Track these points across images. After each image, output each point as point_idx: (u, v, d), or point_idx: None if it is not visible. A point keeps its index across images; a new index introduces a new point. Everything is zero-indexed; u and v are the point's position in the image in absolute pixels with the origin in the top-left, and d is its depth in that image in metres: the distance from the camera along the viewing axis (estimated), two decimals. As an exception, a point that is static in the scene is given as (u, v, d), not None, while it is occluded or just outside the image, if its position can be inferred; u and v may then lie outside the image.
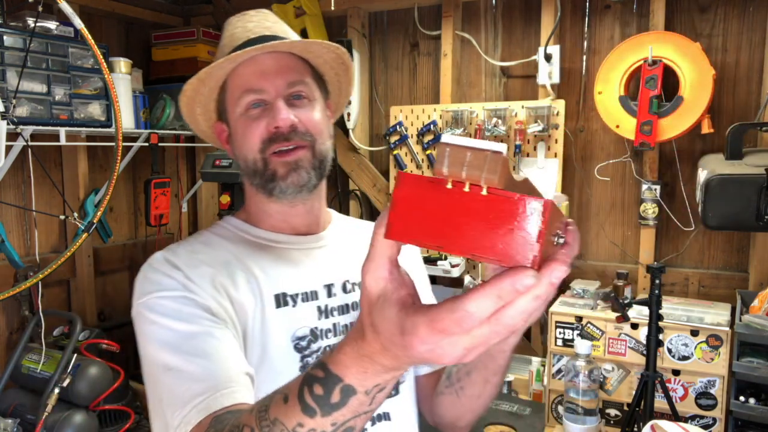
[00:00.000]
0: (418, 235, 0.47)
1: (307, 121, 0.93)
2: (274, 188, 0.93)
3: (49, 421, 2.02)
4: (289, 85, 0.93)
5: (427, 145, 2.61)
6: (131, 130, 2.51)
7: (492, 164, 0.44)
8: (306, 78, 0.96)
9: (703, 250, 2.34)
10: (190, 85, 0.95)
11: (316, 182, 0.95)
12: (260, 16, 1.01)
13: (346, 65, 1.02)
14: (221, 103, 0.99)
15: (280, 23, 1.01)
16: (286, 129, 0.91)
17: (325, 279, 0.99)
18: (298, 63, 0.96)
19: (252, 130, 0.92)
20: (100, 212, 2.17)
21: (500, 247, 0.44)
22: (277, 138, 0.92)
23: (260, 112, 0.93)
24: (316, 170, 0.94)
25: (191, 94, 0.97)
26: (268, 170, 0.93)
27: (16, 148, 2.10)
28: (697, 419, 2.00)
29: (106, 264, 2.76)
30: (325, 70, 1.02)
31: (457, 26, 2.62)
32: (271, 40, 0.93)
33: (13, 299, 2.30)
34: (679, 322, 2.00)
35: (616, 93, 2.20)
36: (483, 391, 0.90)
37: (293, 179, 0.92)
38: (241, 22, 0.99)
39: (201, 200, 3.21)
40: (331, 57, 0.99)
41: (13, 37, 2.00)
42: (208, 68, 0.92)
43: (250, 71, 0.93)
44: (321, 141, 0.95)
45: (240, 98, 0.93)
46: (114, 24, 2.84)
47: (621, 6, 2.38)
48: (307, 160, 0.93)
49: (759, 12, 2.19)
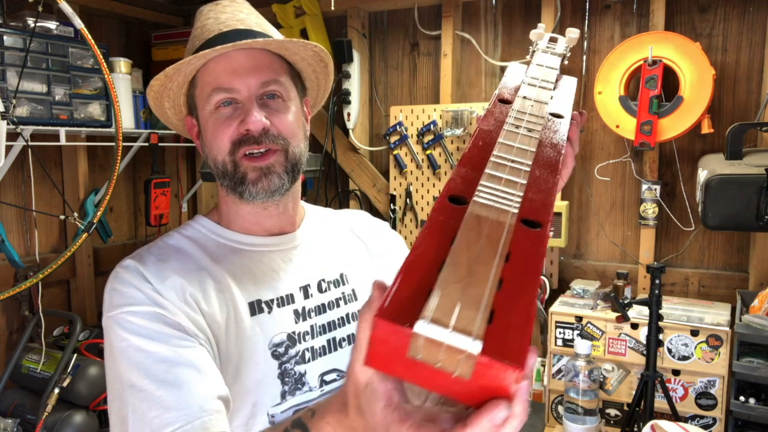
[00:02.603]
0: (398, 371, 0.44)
1: (280, 123, 0.89)
2: (243, 191, 0.89)
3: (49, 421, 2.02)
4: (262, 84, 0.89)
5: (427, 145, 2.61)
6: (131, 130, 2.51)
7: (465, 366, 0.41)
8: (281, 77, 0.91)
9: (703, 250, 2.34)
10: (156, 81, 0.90)
11: (289, 186, 0.92)
12: (233, 6, 0.95)
13: (325, 62, 0.98)
14: (191, 98, 0.94)
15: (254, 14, 0.97)
16: (257, 132, 0.87)
17: (301, 281, 0.97)
18: (273, 60, 0.91)
19: (222, 130, 0.88)
20: (100, 212, 2.17)
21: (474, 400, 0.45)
22: (248, 141, 0.87)
23: (231, 110, 0.88)
24: (289, 174, 0.91)
25: (158, 89, 0.92)
26: (238, 173, 0.89)
27: (16, 148, 2.10)
28: (697, 419, 2.00)
29: (106, 264, 2.76)
30: (303, 67, 0.97)
31: (457, 26, 2.62)
32: (245, 34, 0.89)
33: (13, 299, 2.31)
34: (679, 322, 2.00)
35: (616, 93, 2.20)
36: None
37: (264, 184, 0.88)
38: (213, 12, 0.94)
39: (201, 200, 3.21)
40: (309, 54, 0.95)
41: (13, 37, 2.00)
42: (176, 65, 0.87)
43: (221, 68, 0.88)
44: (294, 144, 0.91)
45: (210, 96, 0.89)
46: (114, 24, 2.84)
47: (621, 6, 2.38)
48: (279, 164, 0.89)
49: (759, 12, 2.19)
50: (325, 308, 0.98)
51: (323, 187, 2.91)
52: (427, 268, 0.46)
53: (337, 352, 0.95)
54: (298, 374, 0.90)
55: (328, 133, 2.78)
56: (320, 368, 0.93)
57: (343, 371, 0.94)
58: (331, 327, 0.96)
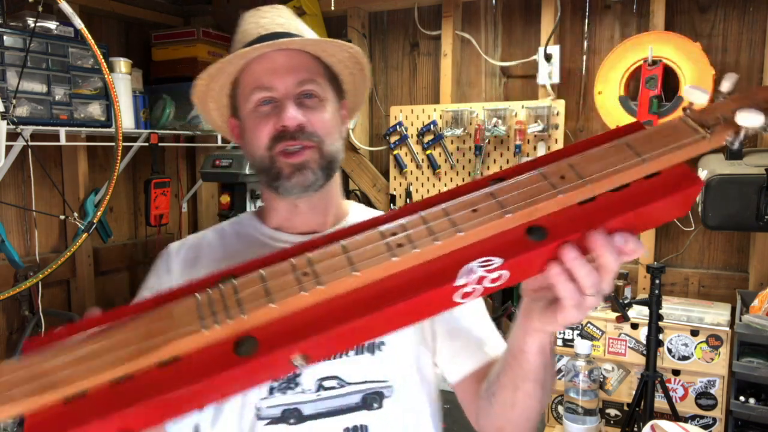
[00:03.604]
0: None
1: (316, 121, 0.92)
2: (278, 186, 0.93)
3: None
4: (299, 83, 0.92)
5: (427, 145, 2.61)
6: (131, 130, 2.51)
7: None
8: (317, 77, 0.94)
9: (703, 250, 2.34)
10: (200, 80, 0.95)
11: (323, 182, 0.94)
12: (274, 12, 0.99)
13: (361, 64, 1.00)
14: (234, 99, 0.98)
15: (294, 20, 1.00)
16: (293, 128, 0.90)
17: None
18: (310, 61, 0.94)
19: (260, 127, 0.92)
20: (100, 212, 2.17)
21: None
22: (284, 137, 0.91)
23: (270, 109, 0.92)
24: (324, 170, 0.93)
25: (203, 89, 0.97)
26: (274, 168, 0.92)
27: (16, 148, 2.10)
28: (697, 419, 2.00)
29: (106, 264, 2.76)
30: (340, 69, 1.00)
31: (457, 26, 2.62)
32: (284, 36, 0.93)
33: (13, 299, 2.30)
34: (679, 322, 2.00)
35: (616, 93, 2.20)
36: (515, 399, 0.81)
37: (298, 179, 0.91)
38: (254, 17, 0.99)
39: (201, 200, 3.21)
40: (346, 56, 0.98)
41: (13, 37, 2.00)
42: (217, 64, 0.92)
43: (261, 68, 0.92)
44: (329, 142, 0.93)
45: (250, 95, 0.93)
46: (114, 24, 2.84)
47: (621, 6, 2.38)
48: (313, 160, 0.92)
49: (759, 12, 2.19)
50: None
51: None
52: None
53: (341, 360, 0.92)
54: (291, 374, 0.90)
55: (328, 133, 2.78)
56: (320, 372, 0.91)
57: (344, 380, 0.91)
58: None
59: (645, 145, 0.61)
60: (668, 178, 0.61)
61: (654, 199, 0.60)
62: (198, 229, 3.22)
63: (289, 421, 0.88)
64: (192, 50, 2.82)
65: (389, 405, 0.92)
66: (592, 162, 0.60)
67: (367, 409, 0.90)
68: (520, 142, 2.41)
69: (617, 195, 0.60)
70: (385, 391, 0.91)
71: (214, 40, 2.88)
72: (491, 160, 2.53)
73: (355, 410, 0.90)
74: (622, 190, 0.60)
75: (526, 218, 0.57)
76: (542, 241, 0.56)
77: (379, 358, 0.92)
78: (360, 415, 0.90)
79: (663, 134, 0.62)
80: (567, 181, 0.58)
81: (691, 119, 0.62)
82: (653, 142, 0.61)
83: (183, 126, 2.80)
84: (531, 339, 0.72)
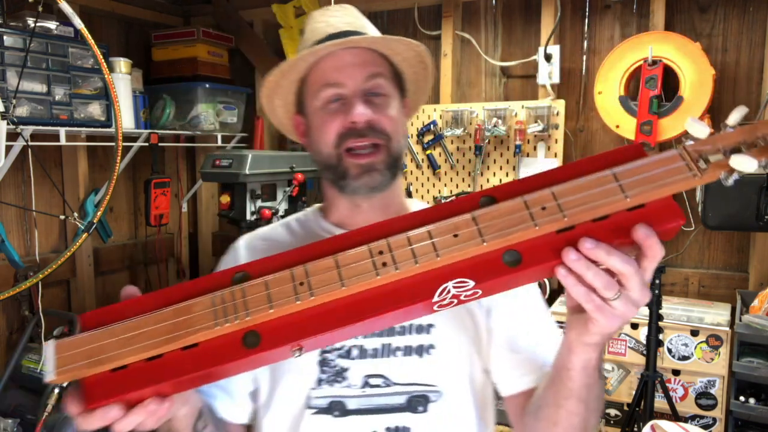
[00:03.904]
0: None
1: (384, 118, 0.92)
2: (345, 186, 0.93)
3: (49, 421, 2.01)
4: (367, 78, 0.93)
5: (427, 145, 2.61)
6: (131, 130, 2.51)
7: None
8: (384, 73, 0.95)
9: (703, 250, 2.34)
10: (271, 77, 0.96)
11: (389, 182, 0.94)
12: (342, 10, 1.01)
13: (425, 63, 1.01)
14: (300, 96, 0.99)
15: (361, 18, 1.02)
16: (362, 125, 0.91)
17: None
18: (377, 59, 0.95)
19: (328, 124, 0.92)
20: (100, 212, 2.17)
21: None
22: (352, 134, 0.91)
23: (338, 106, 0.92)
24: (391, 170, 0.94)
25: (272, 86, 0.98)
26: (341, 167, 0.92)
27: (16, 148, 2.10)
28: (697, 419, 2.00)
29: (106, 264, 2.76)
30: (404, 68, 1.01)
31: (457, 26, 2.62)
32: (352, 35, 0.94)
33: (13, 299, 2.30)
34: (679, 322, 2.00)
35: (616, 93, 2.20)
36: (558, 417, 0.80)
37: (365, 181, 0.92)
38: (324, 16, 1.00)
39: (201, 200, 3.21)
40: (411, 54, 0.98)
41: (13, 37, 2.00)
42: (290, 60, 0.93)
43: (329, 65, 0.93)
44: (396, 139, 0.94)
45: (319, 92, 0.93)
46: (114, 24, 2.84)
47: (621, 6, 2.38)
48: (381, 161, 0.92)
49: (759, 12, 2.19)
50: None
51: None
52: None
53: (389, 359, 0.92)
54: (340, 368, 0.92)
55: (328, 133, 2.78)
56: (367, 369, 0.92)
57: (390, 380, 0.91)
58: (390, 332, 0.93)
59: (633, 177, 0.62)
60: (652, 211, 0.63)
61: (629, 235, 0.62)
62: (198, 229, 3.23)
63: (334, 413, 0.91)
64: (192, 50, 2.82)
65: (434, 409, 0.91)
66: (575, 192, 0.63)
67: (411, 411, 0.91)
68: (520, 142, 2.41)
69: (597, 225, 0.63)
70: (431, 395, 0.91)
71: (214, 40, 2.88)
72: (491, 160, 2.53)
73: (398, 411, 0.91)
74: (603, 220, 0.63)
75: (502, 245, 0.63)
76: (515, 267, 0.63)
77: (427, 361, 0.91)
78: (403, 416, 0.91)
79: (655, 166, 0.63)
80: (547, 213, 0.62)
81: (687, 152, 0.63)
82: (642, 175, 0.62)
83: (183, 126, 2.80)
84: (574, 355, 0.72)
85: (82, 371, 0.63)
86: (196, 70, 2.81)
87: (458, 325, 0.93)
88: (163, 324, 0.64)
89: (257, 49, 2.99)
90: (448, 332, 0.92)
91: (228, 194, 2.45)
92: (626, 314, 0.64)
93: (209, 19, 3.07)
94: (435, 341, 0.91)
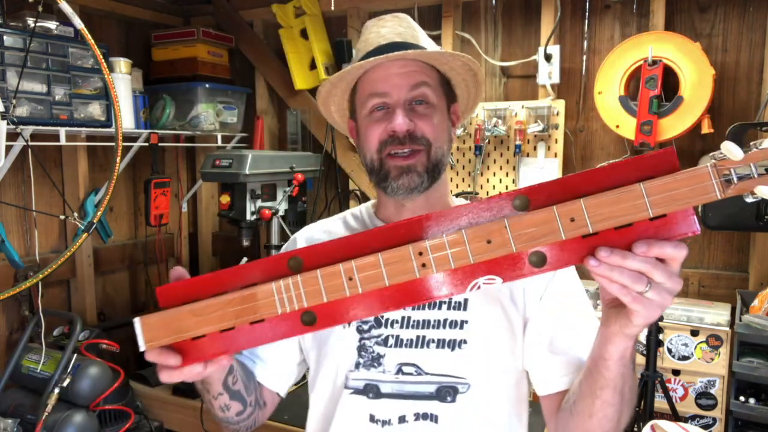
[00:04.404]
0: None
1: (425, 126, 0.98)
2: (386, 187, 1.01)
3: (49, 421, 2.02)
4: (411, 87, 0.99)
5: (427, 145, 2.61)
6: (131, 130, 2.51)
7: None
8: (429, 82, 1.01)
9: (703, 250, 2.34)
10: (323, 88, 1.05)
11: (428, 185, 1.00)
12: (395, 21, 1.07)
13: (474, 71, 1.07)
14: (353, 103, 1.08)
15: (413, 29, 1.07)
16: (402, 134, 0.97)
17: None
18: (423, 68, 1.01)
19: (372, 131, 1.00)
20: (100, 212, 2.17)
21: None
22: (393, 141, 0.98)
23: (382, 115, 1.00)
24: (430, 173, 0.99)
25: (325, 95, 1.07)
26: (383, 170, 1.00)
27: (16, 148, 2.10)
28: (697, 419, 2.00)
29: (106, 264, 2.76)
30: (452, 75, 1.07)
31: (457, 26, 2.62)
32: (401, 46, 1.00)
33: (13, 299, 2.30)
34: (679, 322, 2.00)
35: (616, 93, 2.20)
36: (593, 409, 0.83)
37: (404, 181, 0.98)
38: (376, 27, 1.06)
39: (201, 200, 3.21)
40: (458, 64, 1.04)
41: (13, 37, 2.00)
42: (339, 73, 1.01)
43: (376, 76, 1.00)
44: (437, 145, 1.00)
45: (366, 101, 1.01)
46: (114, 24, 2.84)
47: (621, 6, 2.38)
48: (421, 164, 0.99)
49: (759, 12, 2.19)
50: (426, 305, 1.01)
51: (323, 187, 2.91)
52: None
53: (422, 350, 0.98)
54: (376, 354, 1.00)
55: (328, 133, 2.78)
56: (402, 358, 0.99)
57: (422, 369, 0.98)
58: (425, 325, 0.99)
59: (662, 193, 0.66)
60: (672, 220, 0.67)
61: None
62: (198, 229, 3.23)
63: (368, 394, 0.99)
64: (192, 50, 2.82)
65: (462, 400, 0.97)
66: (605, 206, 0.67)
67: (440, 400, 0.97)
68: (520, 142, 2.41)
69: (618, 232, 0.68)
70: (460, 387, 0.97)
71: (214, 40, 2.88)
72: (491, 159, 2.53)
73: (428, 399, 0.97)
74: (625, 228, 0.68)
75: (530, 248, 0.70)
76: (540, 267, 0.71)
77: (458, 354, 0.97)
78: (432, 404, 0.97)
79: (685, 183, 0.65)
80: (575, 225, 0.68)
81: (717, 170, 0.65)
82: (671, 192, 0.65)
83: (183, 126, 2.80)
84: (612, 346, 0.75)
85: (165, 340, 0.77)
86: (196, 70, 2.81)
87: (492, 322, 0.98)
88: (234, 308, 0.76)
89: (257, 49, 2.99)
90: (482, 329, 0.98)
91: (228, 194, 2.45)
92: (664, 302, 0.68)
93: (209, 19, 3.07)
94: (468, 336, 0.97)
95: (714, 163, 0.66)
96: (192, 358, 0.77)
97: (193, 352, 0.77)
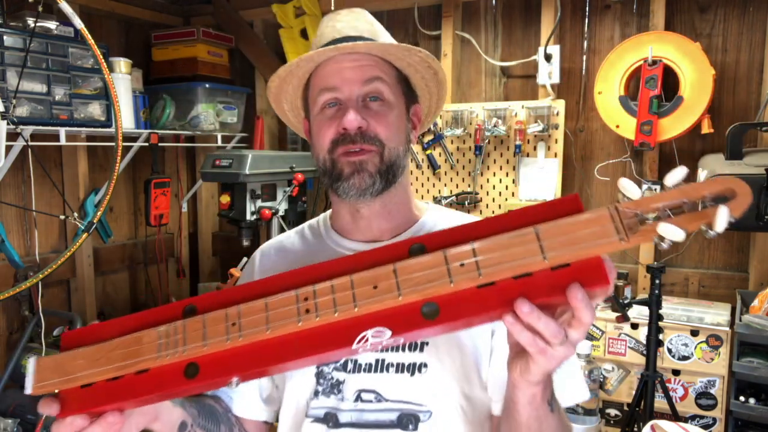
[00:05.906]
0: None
1: (378, 125, 0.91)
2: (338, 188, 0.93)
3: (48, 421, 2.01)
4: (364, 82, 0.92)
5: (427, 145, 2.61)
6: (131, 130, 2.51)
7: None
8: (385, 78, 0.94)
9: (703, 250, 2.34)
10: (272, 83, 0.98)
11: (381, 188, 0.92)
12: (351, 15, 1.00)
13: (434, 69, 0.99)
14: (306, 101, 1.01)
15: (371, 24, 1.00)
16: (353, 131, 0.90)
17: None
18: (378, 63, 0.94)
19: (324, 130, 0.93)
20: (100, 212, 2.17)
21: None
22: (345, 140, 0.91)
23: (334, 112, 0.93)
24: (382, 175, 0.92)
25: (276, 91, 1.00)
26: (336, 170, 0.93)
27: (16, 148, 2.10)
28: (697, 419, 2.00)
29: (106, 264, 2.76)
30: (410, 73, 0.99)
31: (457, 26, 2.62)
32: (356, 40, 0.93)
33: (13, 299, 2.30)
34: (679, 322, 2.00)
35: (616, 93, 2.20)
36: None
37: (355, 181, 0.91)
38: (332, 21, 0.99)
39: (201, 200, 3.21)
40: (416, 60, 0.96)
41: (13, 37, 2.00)
42: (287, 66, 0.94)
43: (327, 70, 0.93)
44: (391, 146, 0.92)
45: (317, 96, 0.94)
46: (114, 24, 2.84)
47: (621, 6, 2.38)
48: (372, 163, 0.91)
49: (759, 12, 2.19)
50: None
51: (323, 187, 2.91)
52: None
53: (382, 375, 0.91)
54: (336, 380, 0.92)
55: (328, 133, 2.78)
56: (361, 384, 0.92)
57: (381, 395, 0.91)
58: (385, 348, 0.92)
59: (555, 237, 0.61)
60: (577, 270, 0.61)
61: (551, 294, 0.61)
62: (197, 229, 3.23)
63: (328, 423, 0.92)
64: (192, 50, 2.82)
65: (424, 429, 0.90)
66: (495, 250, 0.63)
67: (402, 428, 0.90)
68: (520, 142, 2.41)
69: (518, 282, 0.62)
70: (421, 415, 0.90)
71: (214, 40, 2.88)
72: (491, 160, 2.53)
73: (389, 427, 0.90)
74: (525, 278, 0.62)
75: (420, 298, 0.64)
76: (433, 320, 0.64)
77: (418, 379, 0.90)
78: None
79: (582, 226, 0.61)
80: (464, 270, 0.63)
81: (619, 212, 0.60)
82: (566, 236, 0.61)
83: (183, 126, 2.80)
84: (518, 391, 0.73)
85: (52, 387, 0.74)
86: (196, 70, 2.81)
87: (454, 343, 0.91)
88: (120, 351, 0.73)
89: (257, 49, 2.99)
90: (442, 351, 0.90)
91: (228, 194, 2.45)
92: (567, 355, 0.64)
93: (209, 19, 3.07)
94: (428, 360, 0.90)
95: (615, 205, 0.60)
96: (74, 408, 0.72)
97: (78, 402, 0.73)
